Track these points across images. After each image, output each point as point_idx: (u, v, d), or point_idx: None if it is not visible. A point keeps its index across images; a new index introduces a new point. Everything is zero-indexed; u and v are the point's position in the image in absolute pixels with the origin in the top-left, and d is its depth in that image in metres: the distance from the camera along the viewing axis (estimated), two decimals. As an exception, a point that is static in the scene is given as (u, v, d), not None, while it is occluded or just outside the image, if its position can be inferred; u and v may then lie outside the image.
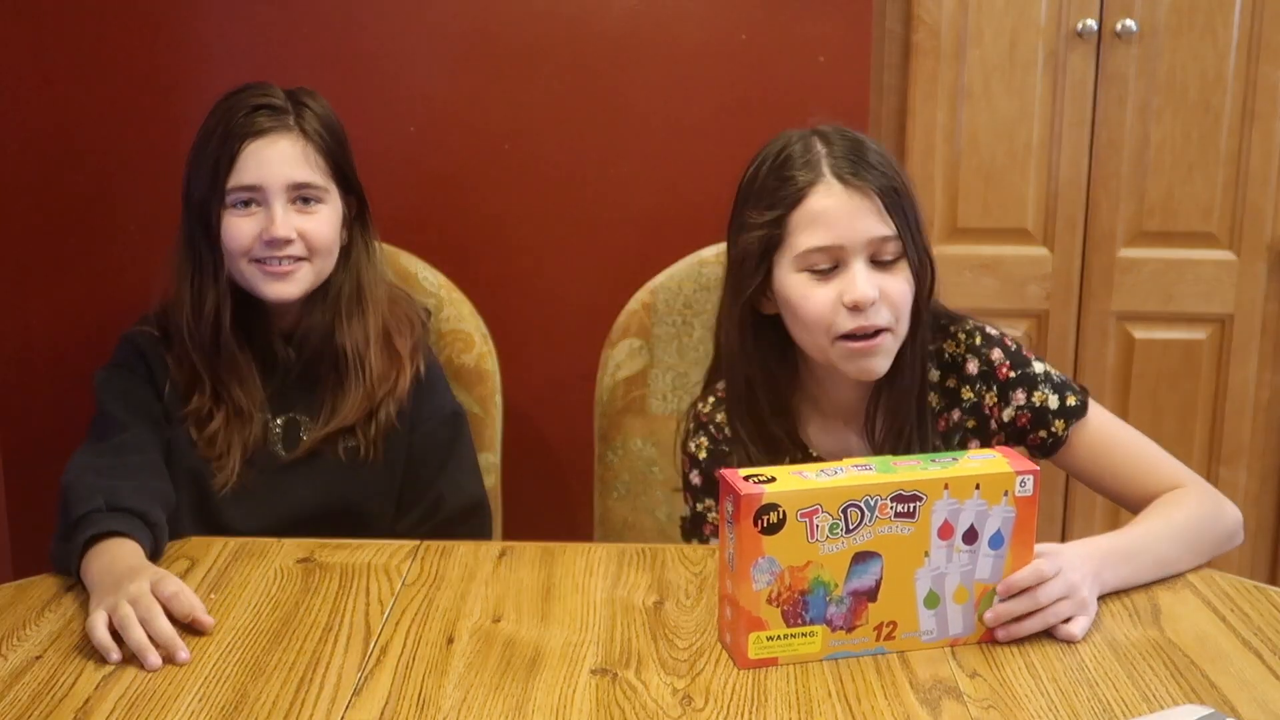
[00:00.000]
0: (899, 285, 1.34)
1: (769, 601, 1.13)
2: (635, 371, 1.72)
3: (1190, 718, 0.99)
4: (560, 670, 1.13)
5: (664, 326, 1.71)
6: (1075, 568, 1.20)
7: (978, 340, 1.44)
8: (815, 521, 1.12)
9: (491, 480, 1.74)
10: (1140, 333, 2.36)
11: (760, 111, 2.06)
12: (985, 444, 1.44)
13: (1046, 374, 1.43)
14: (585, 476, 1.84)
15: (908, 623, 1.17)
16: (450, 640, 1.19)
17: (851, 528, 1.13)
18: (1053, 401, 1.41)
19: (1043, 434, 1.42)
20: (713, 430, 1.45)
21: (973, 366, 1.43)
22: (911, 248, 1.34)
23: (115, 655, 1.14)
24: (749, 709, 1.07)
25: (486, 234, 2.12)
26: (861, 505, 1.13)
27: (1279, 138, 2.27)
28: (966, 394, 1.44)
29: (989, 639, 1.19)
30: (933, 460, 1.18)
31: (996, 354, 1.43)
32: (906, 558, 1.15)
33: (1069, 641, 1.17)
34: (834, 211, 1.32)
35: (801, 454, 1.43)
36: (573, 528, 2.08)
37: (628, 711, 1.06)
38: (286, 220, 1.47)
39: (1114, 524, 1.23)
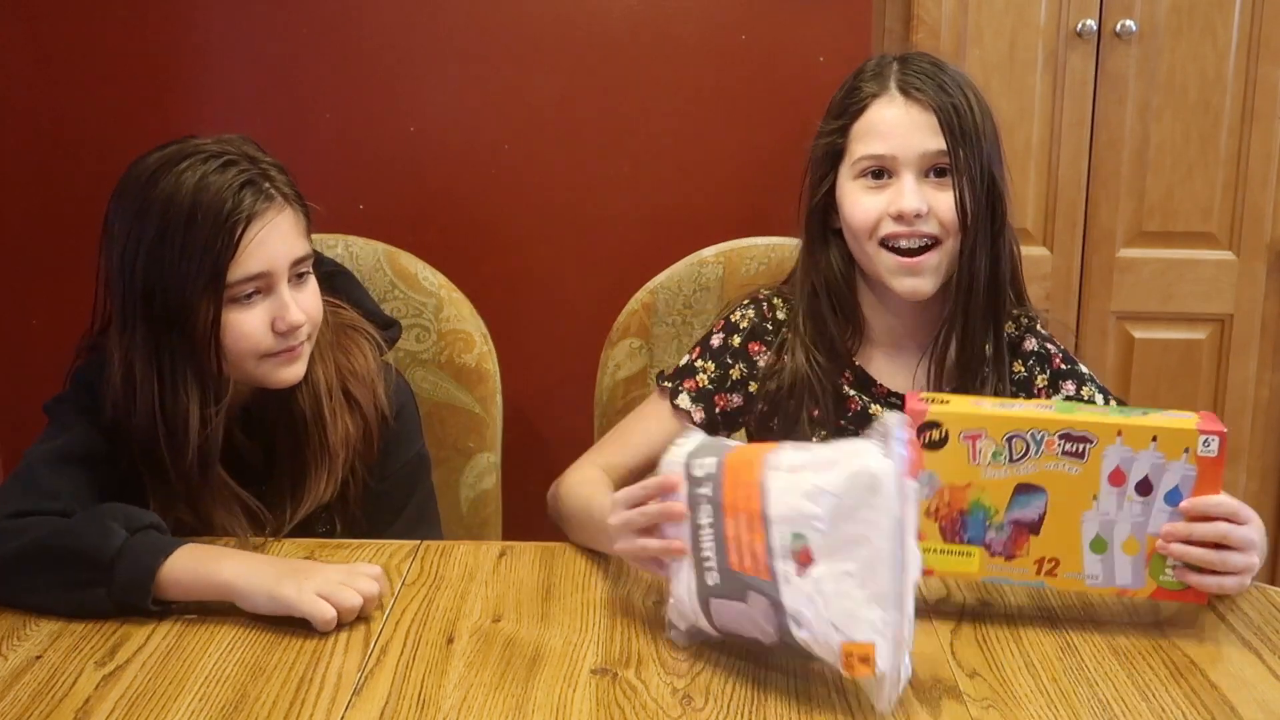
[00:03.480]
0: (949, 201, 1.36)
1: (928, 514, 1.19)
2: (635, 371, 1.71)
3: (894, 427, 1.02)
4: (560, 670, 1.13)
5: (664, 326, 1.71)
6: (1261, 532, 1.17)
7: (1037, 325, 1.48)
8: (978, 445, 1.17)
9: (491, 480, 1.74)
10: (1140, 332, 2.36)
11: (760, 111, 2.06)
12: None
13: (1092, 376, 1.48)
14: (585, 476, 1.83)
15: (1071, 563, 1.18)
16: (450, 640, 1.18)
17: (1015, 458, 1.16)
18: (1098, 400, 1.45)
19: None
20: (764, 308, 1.49)
21: (1030, 345, 1.47)
22: (964, 165, 1.34)
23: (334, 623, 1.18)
24: (749, 709, 1.07)
25: (486, 234, 2.12)
26: (1027, 438, 1.15)
27: (1279, 138, 2.27)
28: (1018, 368, 1.46)
29: (1160, 595, 1.18)
30: (1120, 410, 1.19)
31: (1051, 346, 1.48)
32: (1073, 498, 1.16)
33: (1220, 593, 1.16)
34: (890, 122, 1.36)
35: (858, 377, 1.45)
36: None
37: (628, 711, 1.06)
38: (296, 302, 1.29)
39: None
